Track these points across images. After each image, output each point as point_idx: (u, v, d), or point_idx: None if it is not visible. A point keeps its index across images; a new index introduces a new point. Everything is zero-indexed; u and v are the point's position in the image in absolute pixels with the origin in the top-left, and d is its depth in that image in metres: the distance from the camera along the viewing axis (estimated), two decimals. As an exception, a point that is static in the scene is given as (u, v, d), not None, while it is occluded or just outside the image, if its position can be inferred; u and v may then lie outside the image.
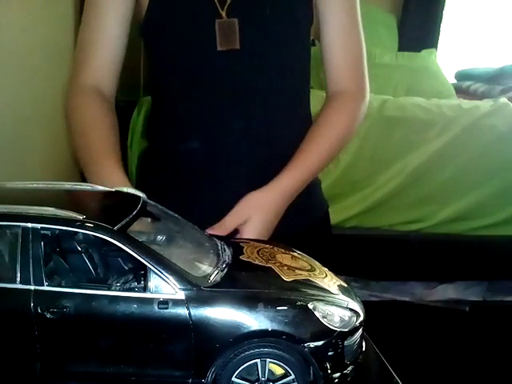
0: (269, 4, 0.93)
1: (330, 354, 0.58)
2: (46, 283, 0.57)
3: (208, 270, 0.61)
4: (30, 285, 0.57)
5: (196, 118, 0.96)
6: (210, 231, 0.79)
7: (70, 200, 0.70)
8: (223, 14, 0.90)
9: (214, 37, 0.90)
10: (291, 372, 0.58)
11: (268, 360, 0.57)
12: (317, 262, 0.71)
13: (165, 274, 0.57)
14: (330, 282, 0.66)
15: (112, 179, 0.85)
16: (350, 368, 0.60)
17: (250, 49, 0.92)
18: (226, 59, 0.92)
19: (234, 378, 0.58)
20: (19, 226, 0.58)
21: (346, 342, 0.59)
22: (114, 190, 0.72)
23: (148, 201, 0.70)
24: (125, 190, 0.72)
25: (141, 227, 0.66)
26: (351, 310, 0.61)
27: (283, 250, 0.71)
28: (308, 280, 0.64)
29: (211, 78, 0.94)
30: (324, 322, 0.58)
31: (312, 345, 0.57)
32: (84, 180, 0.86)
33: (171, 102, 0.99)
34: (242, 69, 0.93)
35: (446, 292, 2.03)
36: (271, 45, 0.94)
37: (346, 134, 0.99)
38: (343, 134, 0.98)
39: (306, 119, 1.02)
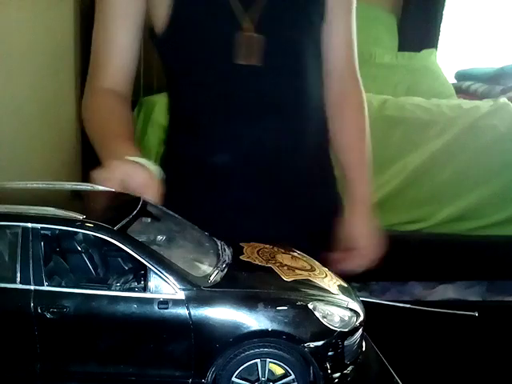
0: (290, 20, 0.93)
1: (330, 354, 0.58)
2: (46, 283, 0.57)
3: (208, 270, 0.61)
4: (30, 285, 0.57)
5: (213, 127, 0.96)
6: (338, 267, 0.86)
7: (70, 200, 0.70)
8: (246, 26, 0.90)
9: (234, 51, 0.90)
10: (291, 372, 0.58)
11: (268, 360, 0.57)
12: (317, 262, 0.71)
13: (165, 274, 0.57)
14: (330, 282, 0.66)
15: (124, 151, 0.82)
16: (349, 368, 0.60)
17: (270, 64, 0.92)
18: (247, 73, 0.92)
19: (234, 378, 0.58)
20: (19, 225, 0.58)
21: (346, 342, 0.59)
22: (114, 190, 0.72)
23: (148, 201, 0.70)
24: (137, 160, 0.74)
25: (141, 227, 0.66)
26: (351, 310, 0.62)
27: (283, 250, 0.71)
28: (308, 280, 0.64)
29: (230, 91, 0.94)
30: (324, 322, 0.58)
31: (312, 345, 0.57)
32: (84, 180, 0.86)
33: (188, 111, 0.99)
34: (261, 83, 0.93)
35: (446, 292, 2.03)
36: (292, 60, 0.94)
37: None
38: (368, 132, 1.09)
39: (323, 128, 1.03)
